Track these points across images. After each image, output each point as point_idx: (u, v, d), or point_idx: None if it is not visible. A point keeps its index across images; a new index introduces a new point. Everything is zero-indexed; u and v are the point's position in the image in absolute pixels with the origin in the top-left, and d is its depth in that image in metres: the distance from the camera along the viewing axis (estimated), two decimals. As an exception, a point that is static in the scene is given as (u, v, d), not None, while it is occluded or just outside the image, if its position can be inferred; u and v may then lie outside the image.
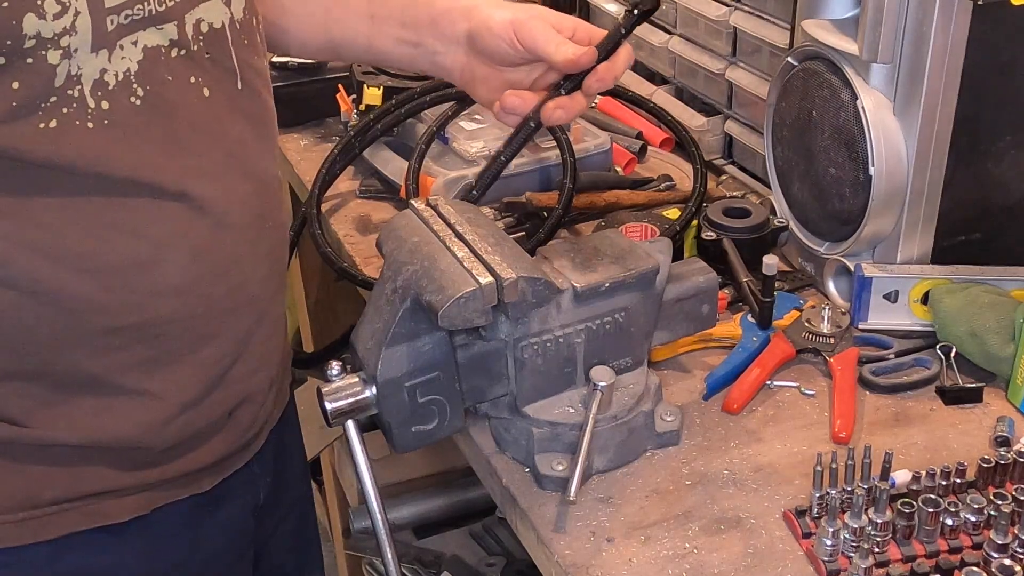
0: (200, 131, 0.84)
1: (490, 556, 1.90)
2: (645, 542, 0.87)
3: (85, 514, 0.88)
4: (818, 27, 1.11)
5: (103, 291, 0.81)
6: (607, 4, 1.71)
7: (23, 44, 0.72)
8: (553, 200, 1.28)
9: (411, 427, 0.90)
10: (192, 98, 0.83)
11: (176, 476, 0.92)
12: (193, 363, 0.88)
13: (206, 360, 0.89)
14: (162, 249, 0.83)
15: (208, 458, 0.94)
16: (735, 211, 1.20)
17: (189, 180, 0.83)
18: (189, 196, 0.83)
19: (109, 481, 0.88)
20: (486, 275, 0.84)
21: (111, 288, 0.81)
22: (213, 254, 0.86)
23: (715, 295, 1.01)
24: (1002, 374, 1.02)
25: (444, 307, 0.82)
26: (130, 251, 0.81)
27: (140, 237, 0.82)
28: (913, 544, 0.83)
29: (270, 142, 0.94)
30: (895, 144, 1.04)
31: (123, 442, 0.87)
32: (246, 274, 0.90)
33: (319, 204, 1.37)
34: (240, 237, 0.88)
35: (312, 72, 1.64)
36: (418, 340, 0.88)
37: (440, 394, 0.90)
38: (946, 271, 1.09)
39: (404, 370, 0.88)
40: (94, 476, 0.87)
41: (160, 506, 0.92)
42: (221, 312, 0.89)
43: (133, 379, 0.86)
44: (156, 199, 0.81)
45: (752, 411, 1.02)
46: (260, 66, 0.91)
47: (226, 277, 0.88)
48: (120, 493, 0.89)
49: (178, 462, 0.92)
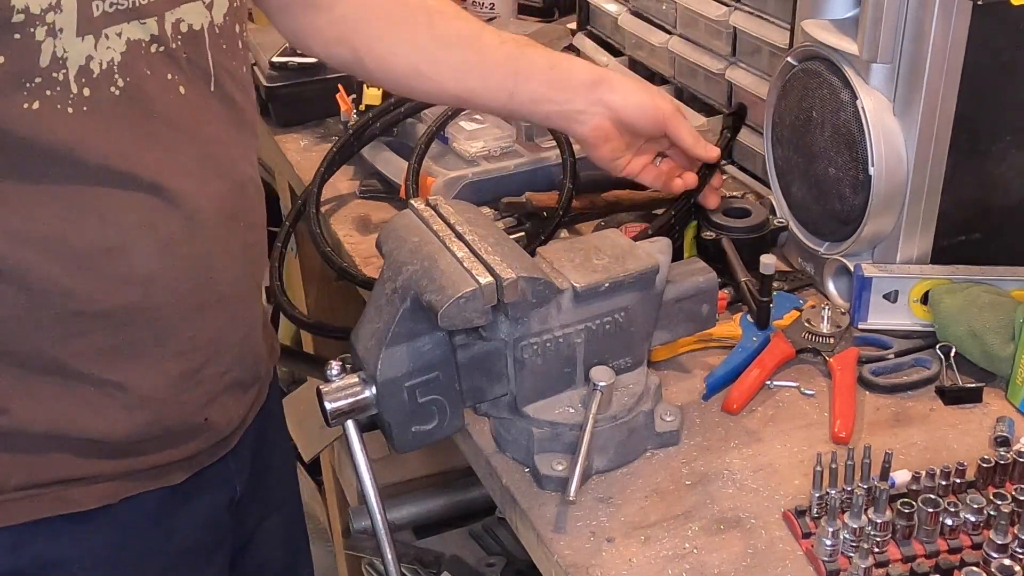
0: (175, 127, 0.86)
1: (490, 556, 1.91)
2: (645, 542, 0.87)
3: (52, 500, 0.89)
4: (818, 27, 1.11)
5: (69, 275, 0.83)
6: (607, 4, 1.71)
7: (11, 18, 0.74)
8: (553, 200, 1.28)
9: (411, 427, 0.90)
10: (169, 94, 0.85)
11: (146, 468, 0.93)
12: (158, 357, 0.89)
13: (171, 355, 0.90)
14: (130, 238, 0.84)
15: (180, 454, 0.95)
16: (735, 211, 1.20)
17: (162, 173, 0.85)
18: (161, 189, 0.85)
19: (76, 469, 0.89)
20: (486, 275, 0.85)
21: (77, 273, 0.83)
22: (182, 248, 0.88)
23: (715, 295, 1.01)
24: (1002, 374, 1.02)
25: (444, 307, 0.82)
26: (98, 237, 0.83)
27: (109, 224, 0.83)
28: (913, 544, 0.83)
29: (247, 145, 0.96)
30: (895, 144, 1.04)
31: (86, 432, 0.88)
32: (216, 272, 0.91)
33: (318, 203, 1.37)
34: (211, 234, 0.90)
35: (312, 72, 1.63)
36: (418, 340, 0.88)
37: (440, 394, 0.90)
38: (946, 271, 1.09)
39: (404, 370, 0.88)
40: (61, 463, 0.88)
41: (128, 496, 0.92)
42: (188, 308, 0.90)
43: (97, 367, 0.87)
44: (128, 189, 0.83)
45: (752, 411, 1.02)
46: (238, 72, 0.93)
47: (194, 272, 0.89)
48: (87, 481, 0.90)
49: (149, 456, 0.92)
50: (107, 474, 0.90)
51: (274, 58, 1.63)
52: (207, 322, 0.92)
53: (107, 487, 0.91)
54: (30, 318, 0.83)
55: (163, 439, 0.93)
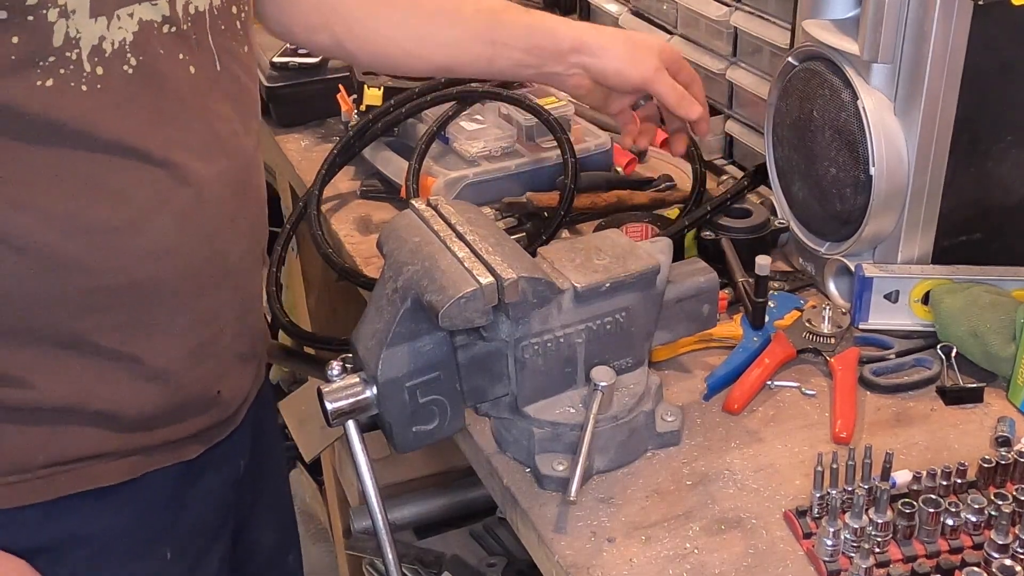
0: (186, 105, 0.88)
1: (491, 556, 1.91)
2: (646, 542, 0.87)
3: (77, 477, 0.90)
4: (819, 27, 1.11)
5: (87, 251, 0.84)
6: (607, 4, 1.71)
7: (25, 1, 0.76)
8: (554, 200, 1.28)
9: (412, 427, 0.90)
10: (180, 73, 0.87)
11: (164, 443, 0.95)
12: (172, 330, 0.91)
13: (184, 328, 0.92)
14: (145, 213, 0.86)
15: (194, 427, 0.97)
16: (735, 211, 1.20)
17: (173, 150, 0.87)
18: (173, 165, 0.87)
19: (97, 444, 0.91)
20: (487, 275, 0.85)
21: (94, 248, 0.85)
22: (194, 223, 0.90)
23: (716, 295, 1.01)
24: (1003, 374, 1.02)
25: (445, 307, 0.82)
26: (114, 213, 0.85)
27: (124, 201, 0.85)
28: (914, 544, 0.83)
29: (250, 125, 0.98)
30: (896, 144, 1.04)
31: (107, 406, 0.90)
32: (226, 246, 0.94)
33: (319, 204, 1.37)
34: (220, 210, 0.92)
35: (312, 72, 1.64)
36: (419, 340, 0.88)
37: (441, 394, 0.90)
38: (947, 271, 1.09)
39: (405, 370, 0.88)
40: (82, 438, 0.90)
41: (148, 472, 0.95)
42: (200, 281, 0.92)
43: (115, 341, 0.88)
44: (141, 164, 0.85)
45: (753, 411, 1.02)
46: (239, 52, 0.95)
47: (207, 246, 0.92)
48: (110, 457, 0.92)
49: (167, 429, 0.95)
50: (127, 449, 0.92)
51: (275, 58, 1.63)
52: (217, 296, 0.95)
53: (129, 463, 0.93)
54: (51, 294, 0.85)
55: (179, 412, 0.95)
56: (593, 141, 1.42)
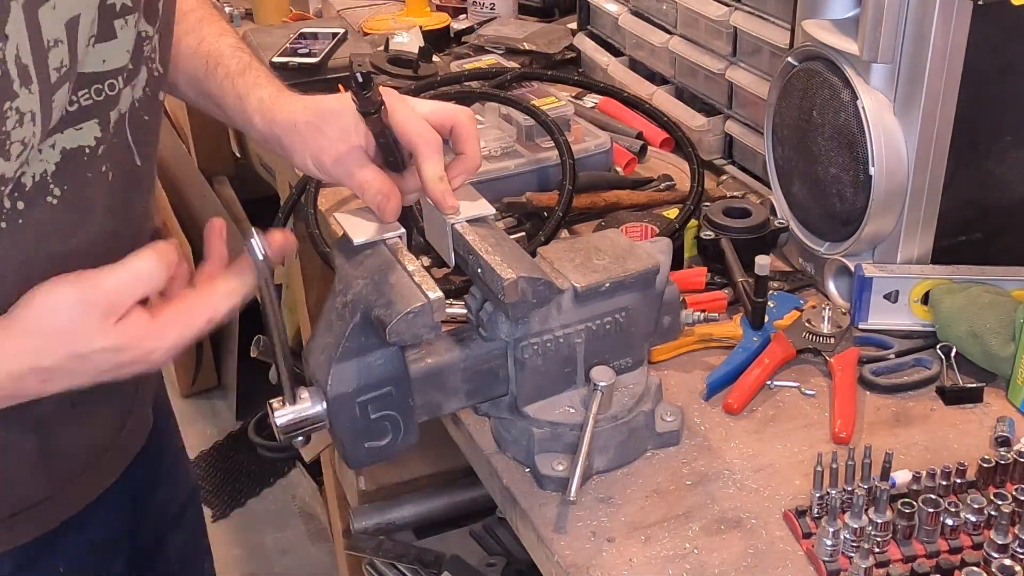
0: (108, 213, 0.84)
1: (490, 556, 1.90)
2: (645, 542, 0.87)
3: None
4: (818, 27, 1.11)
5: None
6: (607, 4, 1.71)
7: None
8: (553, 200, 1.28)
9: (364, 443, 0.88)
10: (103, 188, 0.83)
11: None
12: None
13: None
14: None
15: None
16: (735, 211, 1.20)
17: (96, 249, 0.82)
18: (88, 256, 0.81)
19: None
20: (435, 290, 0.83)
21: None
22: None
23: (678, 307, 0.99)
24: (1002, 374, 1.02)
25: (392, 322, 0.81)
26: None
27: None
28: (913, 544, 0.83)
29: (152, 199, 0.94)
30: (895, 144, 1.04)
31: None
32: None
33: (315, 203, 1.37)
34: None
35: (312, 72, 1.64)
36: (369, 355, 0.86)
37: (393, 409, 0.88)
38: (946, 271, 1.09)
39: (355, 385, 0.86)
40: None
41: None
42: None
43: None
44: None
45: (752, 411, 1.02)
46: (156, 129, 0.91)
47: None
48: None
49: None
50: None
51: (274, 58, 1.63)
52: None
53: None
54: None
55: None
56: (593, 141, 1.41)
